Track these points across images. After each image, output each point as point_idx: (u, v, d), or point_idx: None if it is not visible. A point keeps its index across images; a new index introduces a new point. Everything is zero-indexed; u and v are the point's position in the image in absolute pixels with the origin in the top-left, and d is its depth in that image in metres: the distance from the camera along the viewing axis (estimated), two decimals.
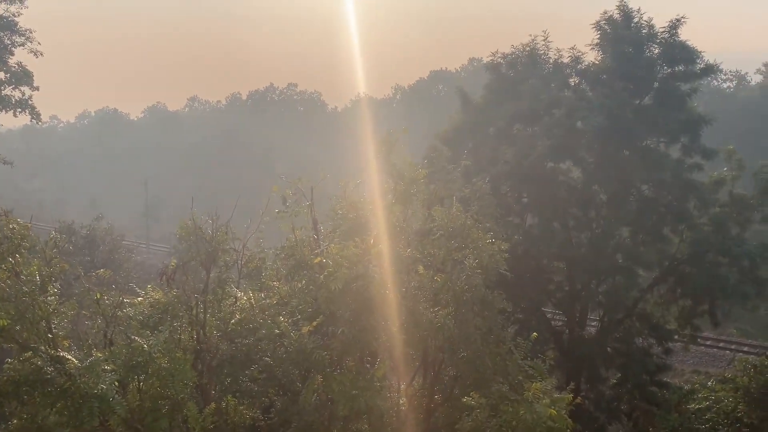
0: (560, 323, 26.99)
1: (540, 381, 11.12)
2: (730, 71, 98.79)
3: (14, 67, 42.23)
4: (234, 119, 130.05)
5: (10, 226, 9.96)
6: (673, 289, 24.77)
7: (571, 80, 25.59)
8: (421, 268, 12.17)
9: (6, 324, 9.30)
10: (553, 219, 24.44)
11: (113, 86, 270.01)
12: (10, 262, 9.67)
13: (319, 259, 11.99)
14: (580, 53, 25.26)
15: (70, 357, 9.13)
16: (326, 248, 12.02)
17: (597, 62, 24.96)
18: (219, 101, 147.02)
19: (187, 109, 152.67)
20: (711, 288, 23.41)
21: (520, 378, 11.74)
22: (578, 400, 11.88)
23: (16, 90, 42.75)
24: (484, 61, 27.72)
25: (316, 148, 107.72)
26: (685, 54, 23.93)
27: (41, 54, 41.88)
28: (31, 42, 41.86)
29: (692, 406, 23.22)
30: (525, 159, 23.26)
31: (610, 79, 24.20)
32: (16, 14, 41.76)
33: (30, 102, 43.22)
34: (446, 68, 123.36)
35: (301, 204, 13.59)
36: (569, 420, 10.47)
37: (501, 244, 11.93)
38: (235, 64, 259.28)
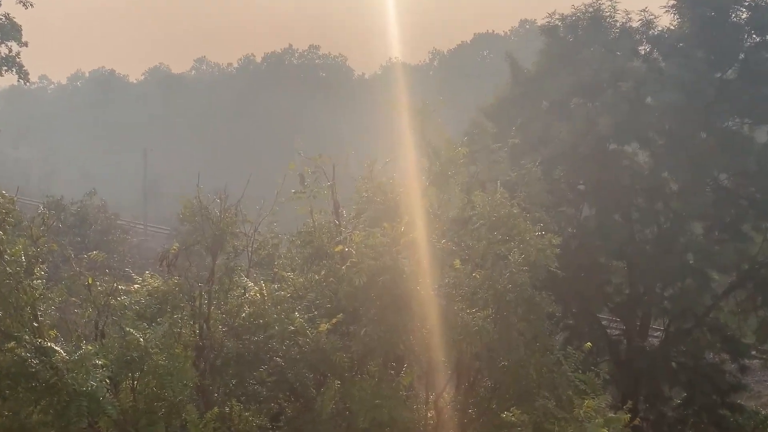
0: (618, 332, 26.81)
1: (592, 397, 11.06)
2: None
3: (1, 19, 42.90)
4: (247, 85, 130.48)
5: None
6: (753, 297, 24.43)
7: (641, 48, 25.22)
8: (457, 263, 12.14)
9: None
10: (614, 210, 24.21)
11: (111, 44, 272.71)
12: None
13: (340, 247, 12.03)
14: (652, 17, 24.87)
15: (57, 349, 9.29)
16: (349, 236, 12.05)
17: (672, 28, 24.55)
18: (230, 64, 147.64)
19: (193, 72, 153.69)
20: None
21: (569, 393, 11.68)
22: (636, 421, 11.82)
23: (3, 45, 43.48)
24: (539, 24, 27.47)
25: (340, 120, 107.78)
26: None
27: (31, 5, 42.43)
28: None
29: None
30: (583, 139, 23.02)
31: (688, 48, 23.76)
32: None
33: (18, 59, 43.91)
34: (493, 31, 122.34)
35: (322, 184, 13.64)
36: None
37: (552, 238, 11.84)
38: (249, 23, 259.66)
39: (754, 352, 25.27)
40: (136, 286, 11.91)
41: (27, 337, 9.64)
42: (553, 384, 11.84)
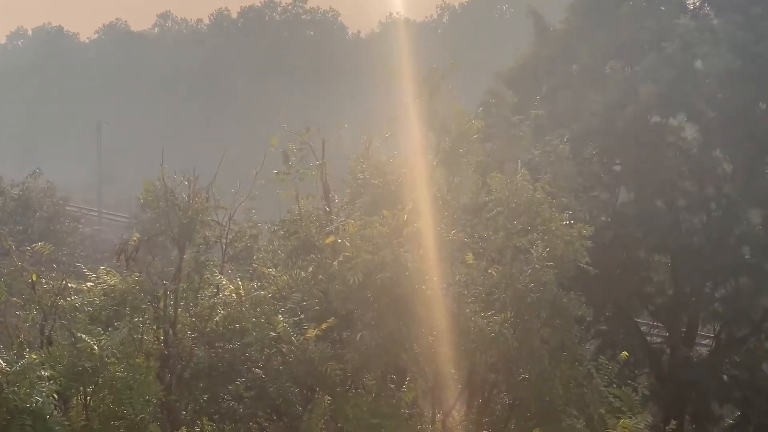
0: (659, 339, 26.87)
1: (629, 416, 11.12)
2: None
3: None
4: (220, 45, 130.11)
5: None
6: None
7: (690, 2, 25.15)
8: (470, 257, 12.18)
9: None
10: (656, 195, 24.24)
11: None
12: None
13: (331, 239, 12.06)
14: None
15: None
16: (341, 225, 12.08)
17: None
18: (200, 20, 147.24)
19: (156, 29, 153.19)
20: None
21: (602, 411, 11.75)
22: None
23: None
24: None
25: (331, 87, 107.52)
26: None
27: None
28: None
29: None
30: (621, 111, 23.00)
31: (745, 3, 23.71)
32: None
33: None
34: None
35: (309, 164, 13.67)
36: None
37: (582, 228, 11.87)
38: None
39: None
40: (89, 284, 11.94)
41: None
42: (583, 401, 11.91)
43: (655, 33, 23.92)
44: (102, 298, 11.64)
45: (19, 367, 9.12)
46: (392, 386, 12.22)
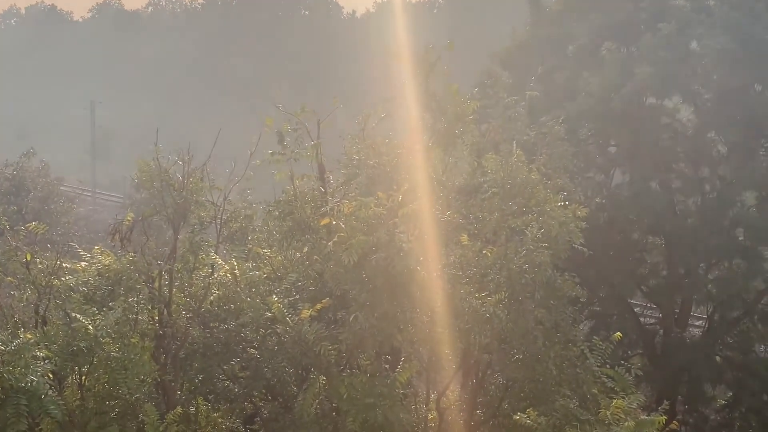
0: (653, 320, 26.96)
1: (622, 397, 11.16)
2: None
3: None
4: (214, 24, 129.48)
5: None
6: None
7: None
8: (464, 238, 12.19)
9: None
10: (651, 177, 24.20)
11: None
12: None
13: (327, 220, 12.06)
14: None
15: None
16: (337, 206, 12.07)
17: None
18: None
19: (150, 8, 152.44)
20: None
21: (595, 391, 11.81)
22: (673, 424, 11.93)
23: None
24: None
25: (326, 67, 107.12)
26: None
27: None
28: None
29: None
30: (616, 92, 22.94)
31: None
32: None
33: None
34: None
35: (304, 144, 13.64)
36: None
37: (577, 209, 11.88)
38: None
39: None
40: (83, 264, 11.94)
41: None
42: (576, 381, 11.96)
43: (651, 13, 23.84)
44: (97, 278, 11.64)
45: (14, 346, 9.15)
46: (387, 366, 12.26)
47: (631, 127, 23.46)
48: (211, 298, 12.26)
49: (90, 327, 9.82)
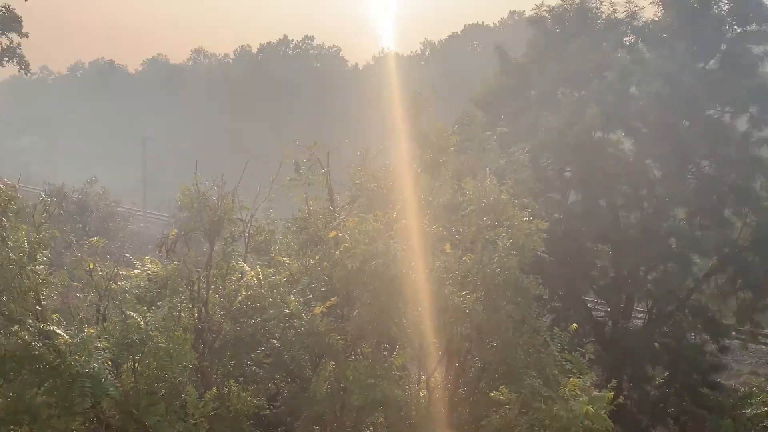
0: (602, 314, 26.89)
1: (578, 377, 11.12)
2: None
3: (1, 10, 42.50)
4: (243, 75, 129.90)
5: None
6: (733, 280, 24.47)
7: (626, 39, 25.15)
8: (448, 247, 12.16)
9: None
10: (600, 196, 24.22)
11: (110, 36, 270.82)
12: None
13: (334, 233, 12.05)
14: (637, 8, 24.75)
15: (60, 332, 9.30)
16: (343, 222, 12.06)
17: (656, 19, 24.47)
18: (226, 54, 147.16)
19: (191, 62, 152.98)
20: None
21: (556, 372, 11.75)
22: (620, 399, 11.87)
23: (4, 36, 43.10)
24: (527, 15, 27.37)
25: (334, 109, 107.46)
26: (760, 11, 23.36)
27: None
28: None
29: (748, 411, 23.11)
30: (570, 127, 22.98)
31: (671, 39, 23.73)
32: None
33: (18, 50, 43.53)
34: (483, 22, 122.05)
35: (316, 172, 13.64)
36: (609, 421, 10.48)
37: (539, 223, 11.88)
38: (246, 16, 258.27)
39: (733, 333, 25.36)
40: (136, 271, 11.93)
41: (30, 321, 9.64)
42: (540, 364, 11.91)
43: (597, 65, 23.93)
44: (147, 282, 11.64)
45: (79, 339, 9.14)
46: (385, 353, 12.22)
47: (583, 156, 23.50)
48: (240, 298, 12.22)
49: (141, 323, 9.80)
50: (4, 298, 9.69)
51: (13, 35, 43.66)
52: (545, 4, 25.62)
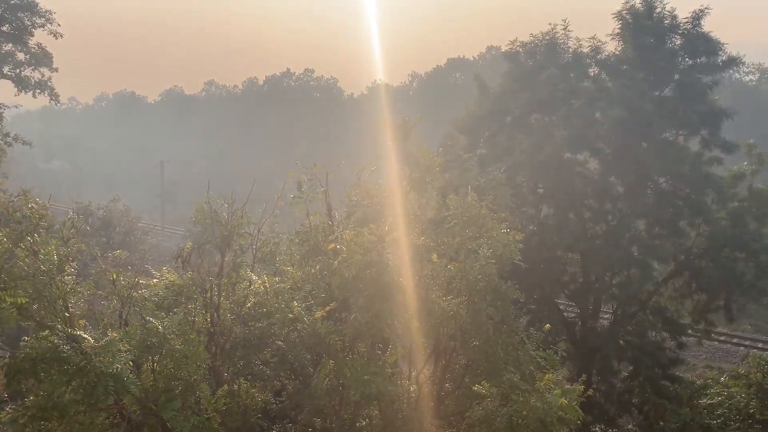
0: (573, 315, 26.88)
1: (552, 372, 11.10)
2: (753, 64, 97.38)
3: (34, 48, 42.55)
4: (250, 104, 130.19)
5: (29, 206, 10.07)
6: (688, 284, 24.56)
7: (591, 70, 25.30)
8: (434, 257, 12.15)
9: (24, 302, 9.43)
10: (569, 210, 24.28)
11: (131, 69, 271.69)
12: (29, 241, 9.78)
13: (333, 245, 12.02)
14: (600, 43, 24.95)
15: (86, 336, 9.24)
16: (340, 234, 12.03)
17: (617, 53, 24.64)
18: (236, 86, 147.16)
19: (204, 93, 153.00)
20: (727, 283, 23.20)
21: (532, 368, 11.73)
22: (589, 391, 11.85)
23: (36, 71, 43.16)
24: (503, 50, 27.44)
25: (332, 134, 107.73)
26: (708, 46, 23.59)
27: (61, 36, 42.17)
28: (51, 23, 42.18)
29: (704, 401, 23.15)
30: (542, 149, 23.09)
31: (630, 70, 23.90)
32: None
33: (49, 83, 43.61)
34: (464, 56, 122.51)
35: (317, 190, 13.62)
36: (580, 411, 10.47)
37: (516, 234, 11.88)
38: (253, 50, 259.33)
39: (690, 331, 25.37)
40: (155, 280, 11.86)
41: (59, 326, 9.59)
42: (518, 360, 11.88)
43: (565, 93, 24.05)
44: (164, 290, 11.57)
45: (104, 342, 9.07)
46: (379, 352, 12.15)
47: (554, 174, 23.59)
48: (249, 304, 12.17)
49: (160, 327, 9.73)
50: (35, 306, 9.64)
51: (45, 70, 43.71)
52: (519, 39, 25.81)
